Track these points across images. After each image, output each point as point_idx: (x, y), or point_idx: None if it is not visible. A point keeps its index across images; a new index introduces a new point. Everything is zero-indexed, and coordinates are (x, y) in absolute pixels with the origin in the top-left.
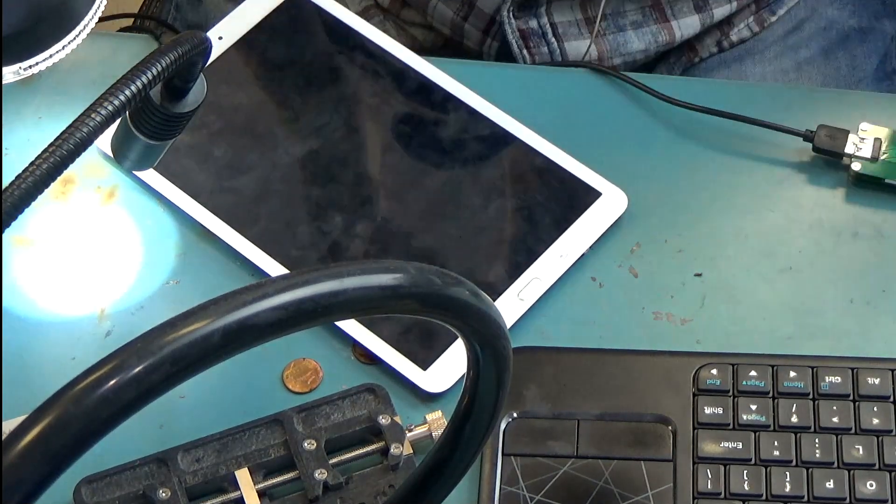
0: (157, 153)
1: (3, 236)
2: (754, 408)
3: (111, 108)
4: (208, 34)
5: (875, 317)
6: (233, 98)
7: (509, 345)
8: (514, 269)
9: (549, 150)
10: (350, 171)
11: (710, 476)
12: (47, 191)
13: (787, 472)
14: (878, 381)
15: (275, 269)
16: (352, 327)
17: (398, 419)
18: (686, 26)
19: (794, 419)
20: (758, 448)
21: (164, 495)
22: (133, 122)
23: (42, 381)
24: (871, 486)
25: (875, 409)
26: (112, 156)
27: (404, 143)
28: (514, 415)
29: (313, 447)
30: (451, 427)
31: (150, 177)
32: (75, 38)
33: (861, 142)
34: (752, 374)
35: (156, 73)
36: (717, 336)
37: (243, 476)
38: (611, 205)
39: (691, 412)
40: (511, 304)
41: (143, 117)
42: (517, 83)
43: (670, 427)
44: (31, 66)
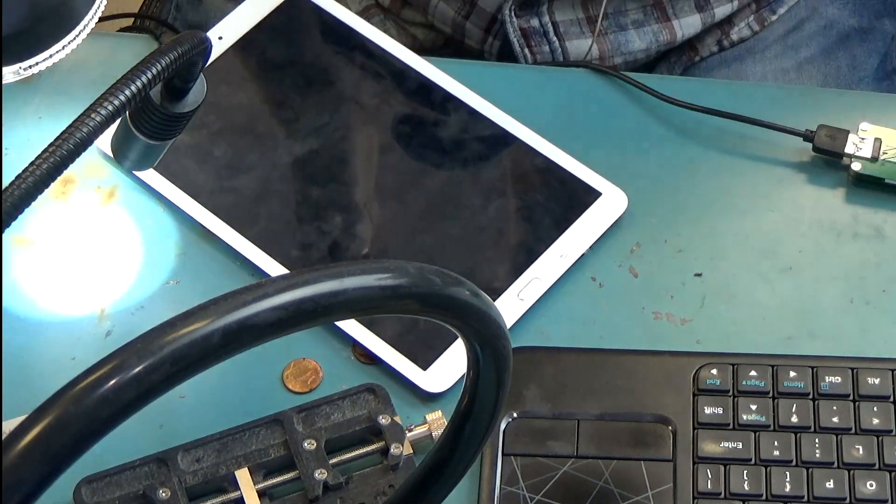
0: (157, 153)
1: (3, 236)
2: (754, 408)
3: (111, 108)
4: (208, 34)
5: (875, 317)
6: (233, 98)
7: (509, 345)
8: (514, 269)
9: (549, 150)
10: (350, 171)
11: (710, 476)
12: (47, 191)
13: (787, 472)
14: (878, 381)
15: (275, 269)
16: (352, 327)
17: (398, 419)
18: (687, 25)
19: (794, 419)
20: (758, 448)
21: (164, 495)
22: (133, 122)
23: (42, 381)
24: (871, 486)
25: (875, 409)
26: (112, 156)
27: (404, 143)
28: (514, 415)
29: (313, 447)
30: (451, 427)
31: (150, 177)
32: (75, 38)
33: (861, 142)
34: (752, 374)
35: (156, 73)
36: (717, 336)
37: (243, 476)
38: (611, 205)
39: (691, 412)
40: (511, 304)
41: (143, 117)
42: (517, 83)
43: (670, 427)
44: (31, 66)
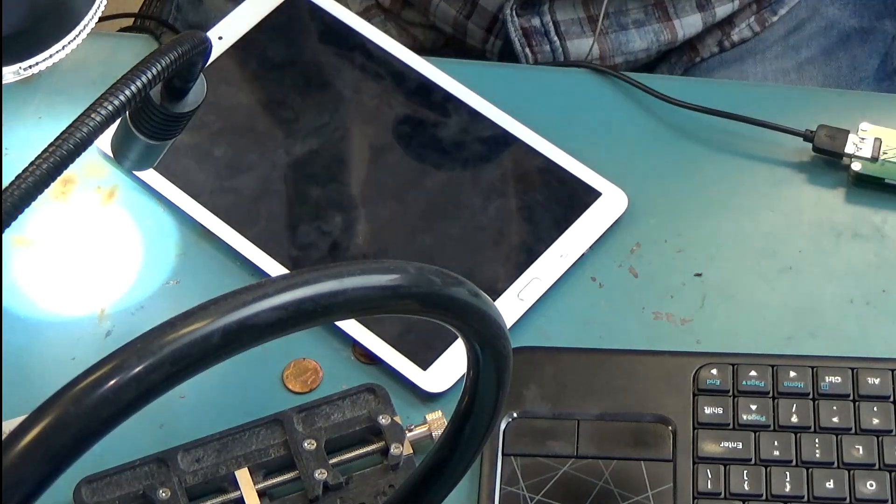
0: (157, 153)
1: (3, 236)
2: (754, 408)
3: (111, 108)
4: (208, 34)
5: (875, 317)
6: (233, 98)
7: (509, 345)
8: (514, 269)
9: (549, 150)
10: (350, 171)
11: (710, 476)
12: (47, 191)
13: (787, 472)
14: (878, 381)
15: (275, 269)
16: (352, 327)
17: (398, 419)
18: (688, 25)
19: (794, 419)
20: (758, 448)
21: (164, 495)
22: (133, 122)
23: (42, 381)
24: (871, 486)
25: (875, 409)
26: (112, 156)
27: (404, 143)
28: (514, 415)
29: (313, 447)
30: (451, 427)
31: (150, 177)
32: (75, 38)
33: (861, 142)
34: (752, 374)
35: (156, 73)
36: (717, 336)
37: (243, 476)
38: (611, 205)
39: (691, 412)
40: (511, 304)
41: (143, 117)
42: (517, 83)
43: (670, 427)
44: (31, 66)
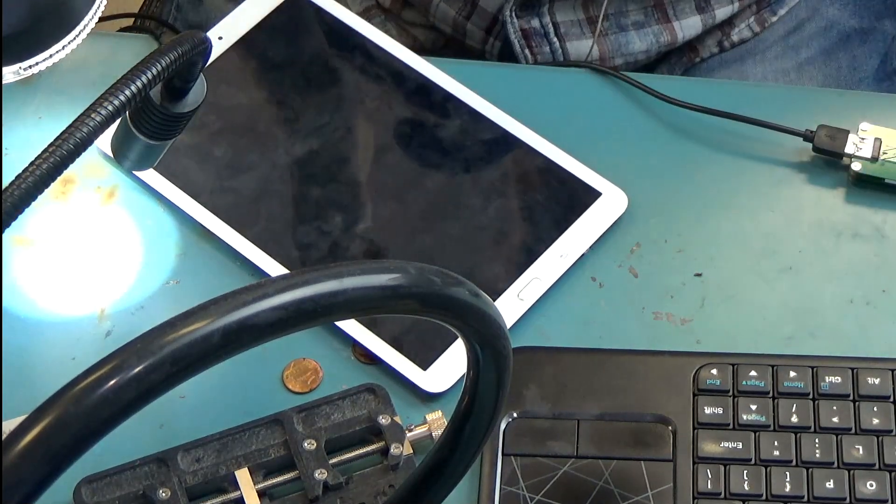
0: (157, 153)
1: (3, 236)
2: (754, 408)
3: (111, 108)
4: (208, 34)
5: (875, 317)
6: (233, 98)
7: (509, 345)
8: (514, 269)
9: (549, 150)
10: (350, 171)
11: (710, 476)
12: (47, 191)
13: (787, 472)
14: (878, 381)
15: (275, 269)
16: (352, 327)
17: (398, 419)
18: (688, 27)
19: (794, 419)
20: (758, 448)
21: (164, 495)
22: (133, 122)
23: (42, 381)
24: (871, 486)
25: (875, 409)
26: (112, 156)
27: (404, 143)
28: (514, 415)
29: (313, 447)
30: (451, 427)
31: (150, 177)
32: (75, 38)
33: (861, 142)
34: (752, 374)
35: (156, 73)
36: (717, 336)
37: (243, 476)
38: (611, 205)
39: (691, 412)
40: (511, 304)
41: (143, 117)
42: (517, 83)
43: (670, 427)
44: (31, 66)
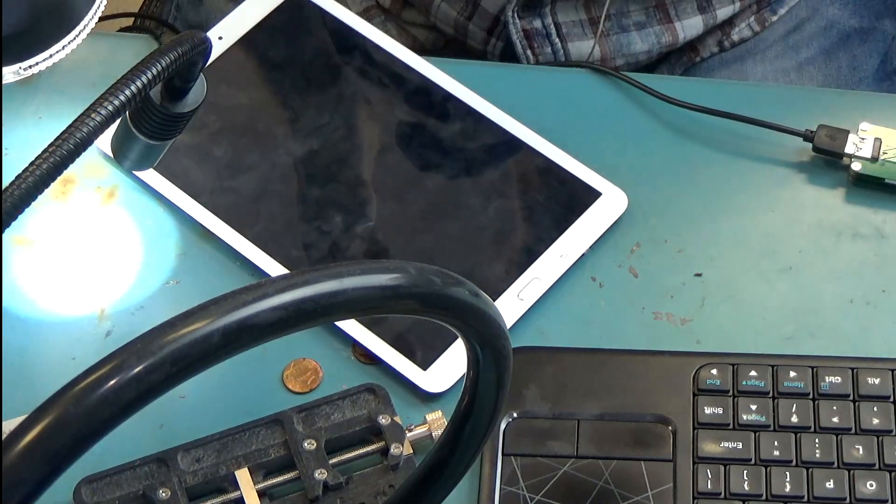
0: (157, 153)
1: (3, 236)
2: (754, 408)
3: (111, 108)
4: (208, 34)
5: (875, 317)
6: (233, 98)
7: (509, 345)
8: (514, 269)
9: (549, 151)
10: (350, 171)
11: (710, 476)
12: (47, 191)
13: (787, 472)
14: (878, 381)
15: (275, 269)
16: (352, 327)
17: (398, 419)
18: (689, 27)
19: (794, 419)
20: (758, 448)
21: (164, 495)
22: (133, 122)
23: (42, 381)
24: (871, 486)
25: (875, 409)
26: (112, 156)
27: (404, 143)
28: (514, 415)
29: (313, 447)
30: (451, 427)
31: (150, 177)
32: (75, 38)
33: (861, 142)
34: (752, 374)
35: (156, 73)
36: (717, 336)
37: (243, 476)
38: (611, 205)
39: (691, 412)
40: (511, 304)
41: (143, 117)
42: (518, 83)
43: (670, 427)
44: (31, 66)
